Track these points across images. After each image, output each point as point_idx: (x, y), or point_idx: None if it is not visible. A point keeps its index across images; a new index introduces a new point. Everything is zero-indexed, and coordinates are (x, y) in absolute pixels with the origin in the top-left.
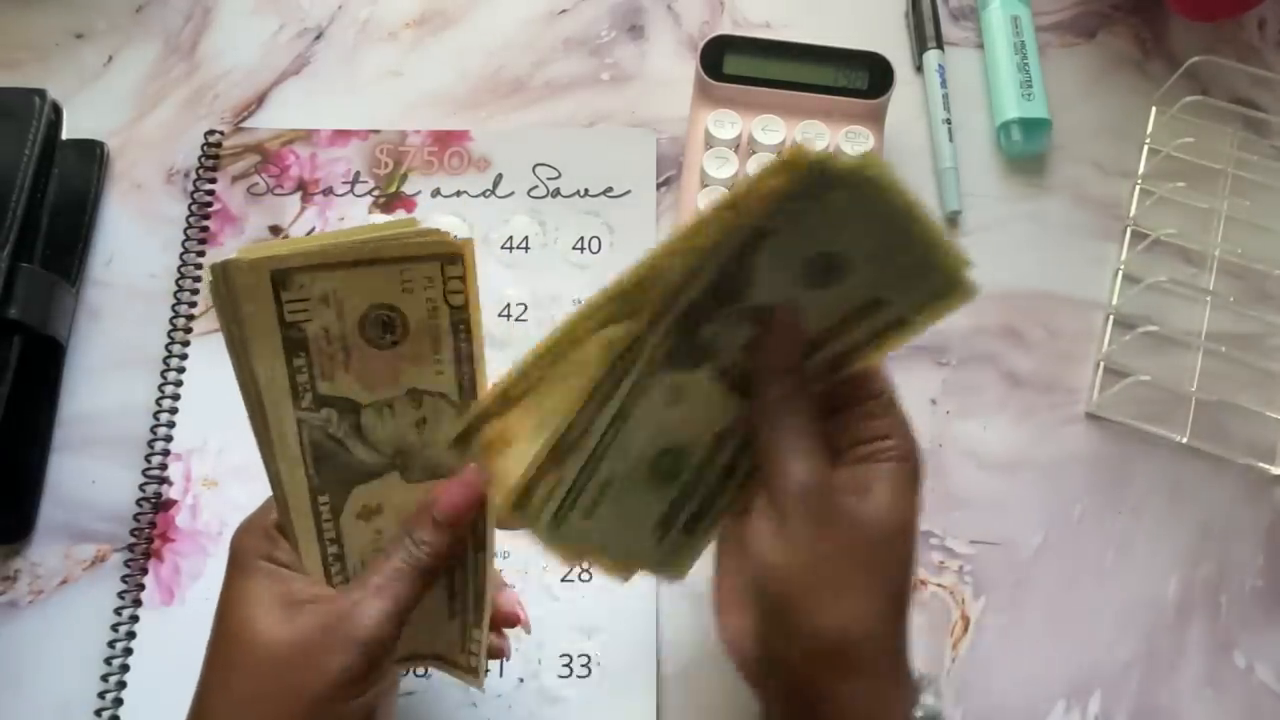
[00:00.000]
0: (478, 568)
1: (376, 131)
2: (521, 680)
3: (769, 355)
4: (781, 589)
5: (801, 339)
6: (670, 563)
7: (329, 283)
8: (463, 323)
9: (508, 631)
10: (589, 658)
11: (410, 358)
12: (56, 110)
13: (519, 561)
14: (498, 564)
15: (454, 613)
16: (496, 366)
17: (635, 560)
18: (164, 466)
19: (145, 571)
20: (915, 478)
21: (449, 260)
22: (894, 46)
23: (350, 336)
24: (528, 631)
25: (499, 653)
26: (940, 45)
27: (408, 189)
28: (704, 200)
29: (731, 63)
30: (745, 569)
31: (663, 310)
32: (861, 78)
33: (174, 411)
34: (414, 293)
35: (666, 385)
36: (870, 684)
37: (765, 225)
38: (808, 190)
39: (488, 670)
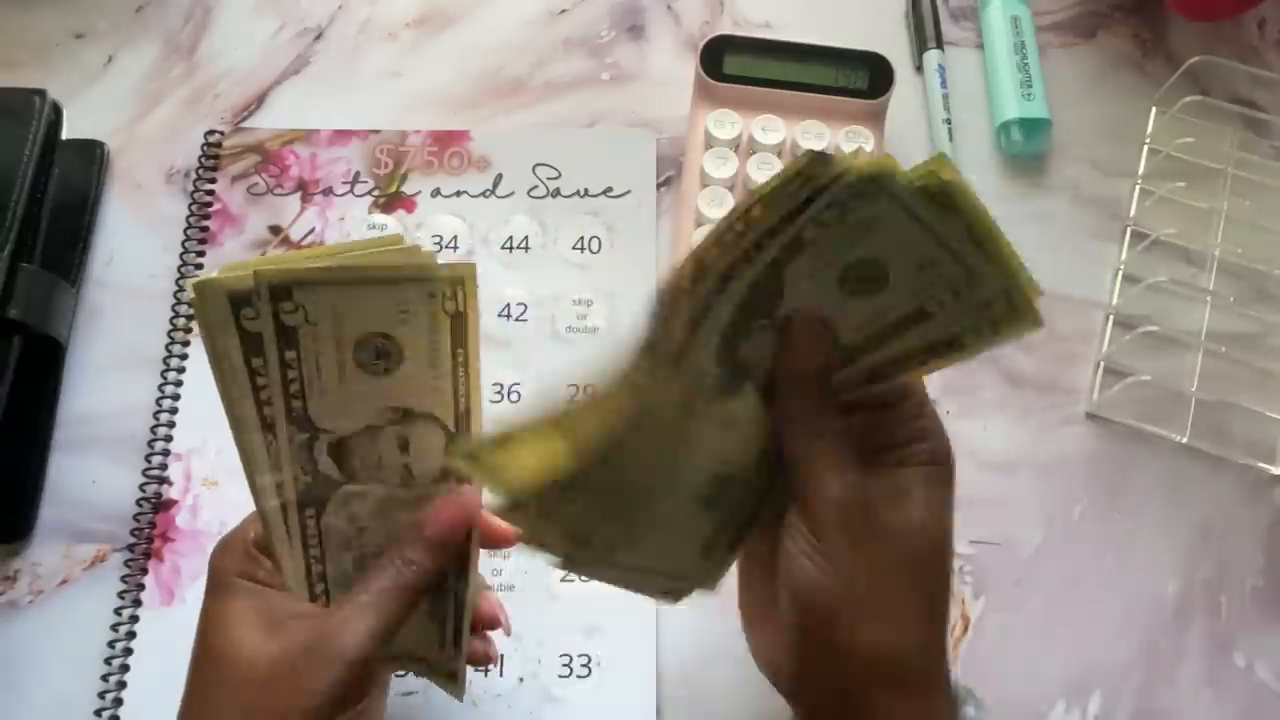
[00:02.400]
0: (462, 582)
1: (376, 131)
2: (521, 680)
3: (790, 363)
4: (822, 606)
5: (825, 345)
6: (709, 578)
7: (323, 301)
8: (461, 347)
9: (494, 637)
10: (589, 658)
11: (403, 380)
12: (56, 110)
13: (519, 561)
14: (498, 564)
15: (434, 617)
16: (497, 366)
17: (685, 581)
18: (164, 466)
19: (145, 571)
20: (950, 480)
21: (451, 284)
22: (894, 46)
23: (343, 358)
24: (507, 634)
25: (485, 660)
26: (940, 45)
27: (408, 189)
28: (704, 200)
29: (731, 63)
30: (776, 584)
31: (697, 342)
32: (861, 78)
33: (174, 411)
34: (410, 319)
35: (720, 413)
36: (916, 699)
37: (804, 235)
38: (862, 194)
39: (470, 680)
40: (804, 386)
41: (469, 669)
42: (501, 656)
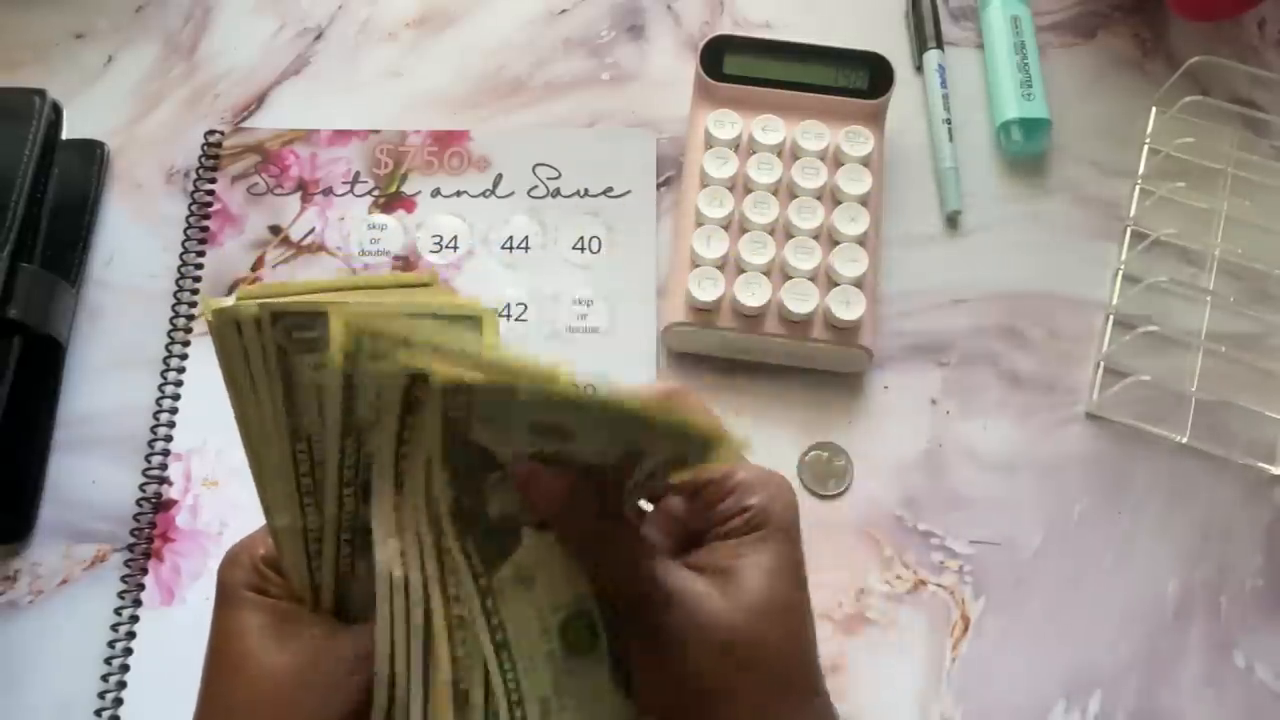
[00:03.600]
0: None
1: (376, 131)
2: None
3: (540, 509)
4: None
5: (556, 479)
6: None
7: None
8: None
9: None
10: None
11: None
12: (56, 110)
13: None
14: None
15: None
16: None
17: None
18: (164, 466)
19: (145, 571)
20: (787, 537)
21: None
22: (894, 46)
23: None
24: None
25: None
26: (940, 45)
27: (408, 189)
28: (704, 200)
29: (731, 63)
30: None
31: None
32: (861, 78)
33: (174, 411)
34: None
35: (508, 577)
36: None
37: (450, 417)
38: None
39: None
40: (568, 521)
41: None
42: None
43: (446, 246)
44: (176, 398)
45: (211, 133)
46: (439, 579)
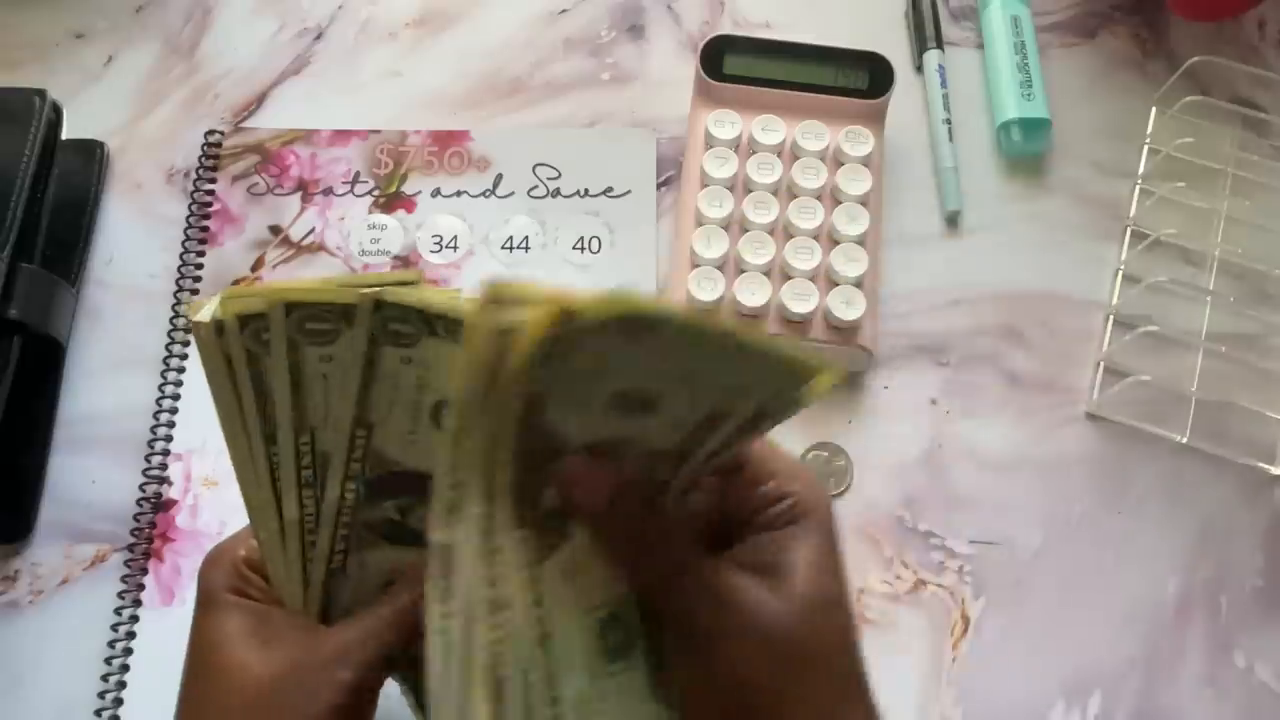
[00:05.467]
0: None
1: (376, 131)
2: None
3: (582, 507)
4: None
5: (603, 474)
6: None
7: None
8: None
9: None
10: None
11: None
12: (56, 110)
13: None
14: None
15: None
16: None
17: None
18: (164, 466)
19: (145, 571)
20: (826, 528)
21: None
22: (894, 46)
23: (420, 408)
24: None
25: None
26: (940, 45)
27: (408, 189)
28: (704, 200)
29: (731, 63)
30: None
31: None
32: (861, 78)
33: (174, 411)
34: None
35: (556, 570)
36: None
37: (531, 392)
38: (564, 350)
39: None
40: (609, 520)
41: None
42: None
43: (447, 246)
44: (176, 398)
45: (211, 133)
46: (489, 560)
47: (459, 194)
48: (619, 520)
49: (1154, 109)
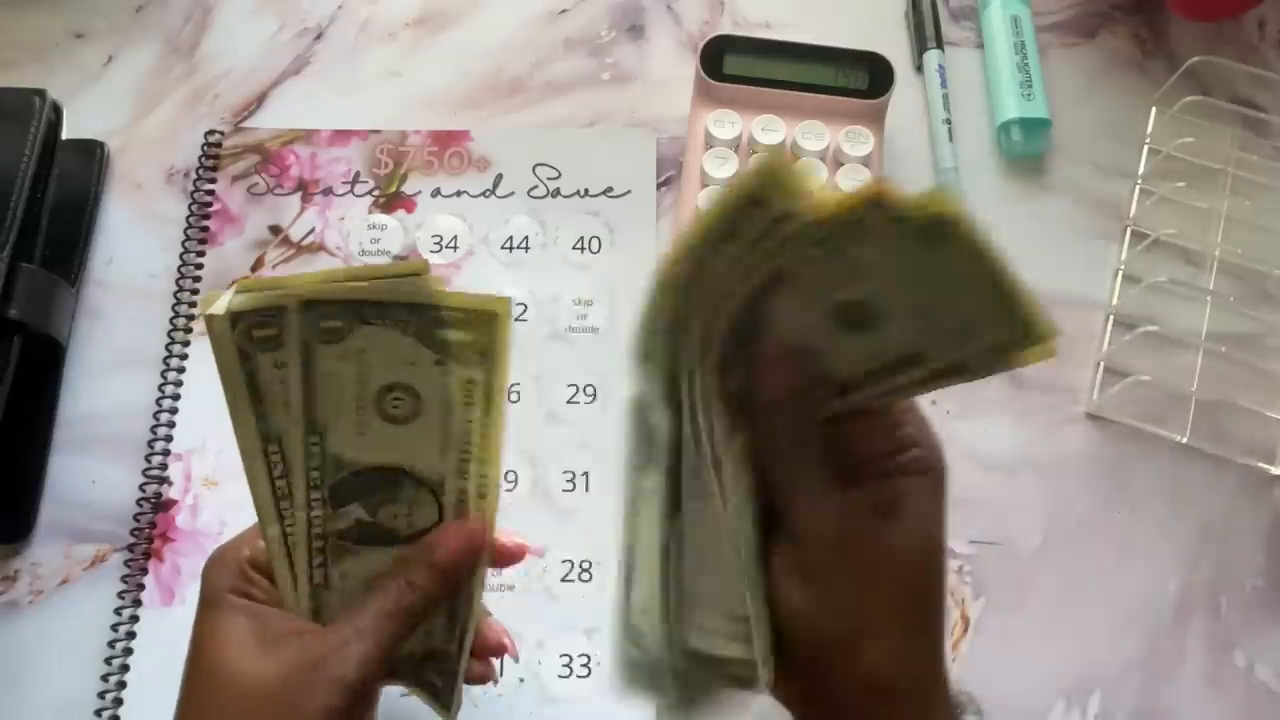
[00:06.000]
0: (465, 607)
1: (376, 131)
2: (522, 680)
3: (762, 392)
4: (815, 636)
5: (796, 372)
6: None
7: (356, 339)
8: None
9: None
10: (589, 658)
11: (414, 434)
12: (56, 110)
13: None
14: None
15: (434, 639)
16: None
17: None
18: (164, 466)
19: (145, 571)
20: (942, 487)
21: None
22: (894, 46)
23: (364, 400)
24: (515, 660)
25: (484, 679)
26: (940, 45)
27: (408, 189)
28: (704, 200)
29: (731, 63)
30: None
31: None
32: (861, 78)
33: (174, 411)
34: (426, 366)
35: (735, 455)
36: (918, 718)
37: (784, 267)
38: (848, 234)
39: (460, 704)
40: (778, 414)
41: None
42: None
43: (446, 246)
44: (176, 398)
45: (211, 133)
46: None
47: (459, 194)
48: (786, 419)
49: (1154, 109)
